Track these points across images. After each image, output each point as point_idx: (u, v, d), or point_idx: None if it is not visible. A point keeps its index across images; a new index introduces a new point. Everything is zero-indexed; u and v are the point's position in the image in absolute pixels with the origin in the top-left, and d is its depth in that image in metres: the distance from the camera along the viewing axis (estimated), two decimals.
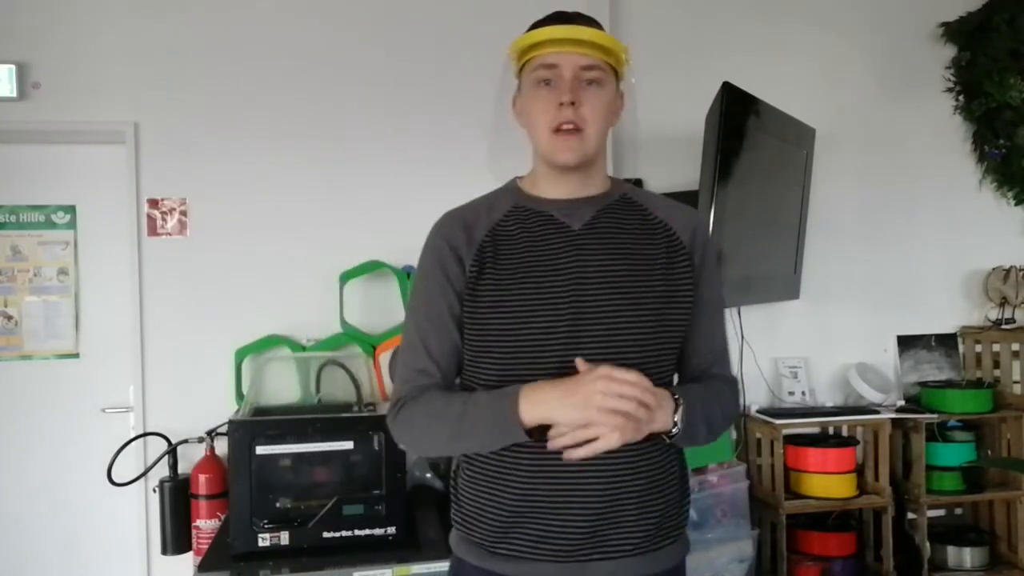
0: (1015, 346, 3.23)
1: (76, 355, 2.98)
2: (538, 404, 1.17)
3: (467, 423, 1.22)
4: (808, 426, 3.04)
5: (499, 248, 1.28)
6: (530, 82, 1.27)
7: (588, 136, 1.25)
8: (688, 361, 1.35)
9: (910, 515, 3.05)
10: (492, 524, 1.26)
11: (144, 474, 2.75)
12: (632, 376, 1.15)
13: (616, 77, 1.30)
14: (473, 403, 1.23)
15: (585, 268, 1.25)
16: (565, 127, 1.23)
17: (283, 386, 2.71)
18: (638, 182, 3.12)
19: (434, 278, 1.30)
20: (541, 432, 1.19)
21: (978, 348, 3.35)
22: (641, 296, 1.25)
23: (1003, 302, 3.33)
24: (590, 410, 1.13)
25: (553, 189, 1.32)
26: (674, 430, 1.21)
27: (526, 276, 1.25)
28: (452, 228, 1.31)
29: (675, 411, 1.21)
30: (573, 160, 1.26)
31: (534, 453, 1.23)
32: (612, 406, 1.13)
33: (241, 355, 2.83)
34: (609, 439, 1.14)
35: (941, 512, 3.29)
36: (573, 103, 1.22)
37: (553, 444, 1.17)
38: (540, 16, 1.31)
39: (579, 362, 1.18)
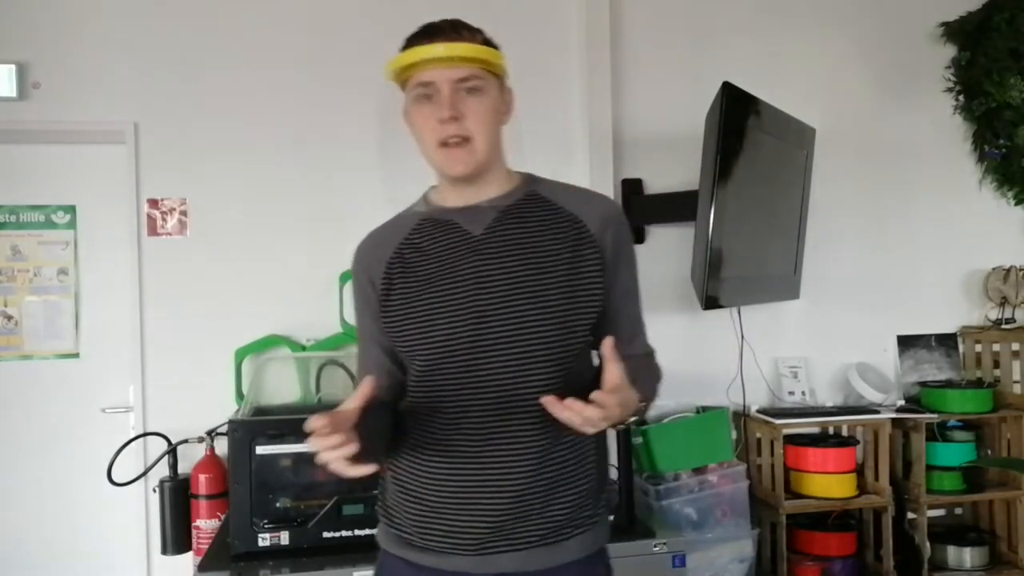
0: (1015, 346, 3.23)
1: (76, 355, 2.98)
2: None
3: None
4: (808, 426, 3.03)
5: (407, 262, 1.33)
6: (412, 98, 1.29)
7: (477, 146, 1.27)
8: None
9: (910, 515, 3.05)
10: (410, 518, 1.32)
11: (144, 474, 2.75)
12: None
13: (499, 77, 1.33)
14: None
15: (486, 273, 1.27)
16: (452, 141, 1.26)
17: (283, 386, 2.71)
18: (638, 182, 3.12)
19: (357, 304, 1.41)
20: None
21: (978, 348, 3.35)
22: (545, 295, 1.26)
23: (1003, 302, 3.33)
24: None
25: (455, 197, 1.35)
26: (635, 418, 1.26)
27: (430, 286, 1.29)
28: (364, 252, 1.40)
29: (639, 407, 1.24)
30: (465, 171, 1.28)
31: (444, 452, 1.28)
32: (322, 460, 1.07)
33: (241, 355, 2.83)
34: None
35: (941, 512, 3.29)
36: (455, 117, 1.24)
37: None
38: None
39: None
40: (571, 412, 1.08)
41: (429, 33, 1.27)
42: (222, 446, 2.56)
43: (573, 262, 1.29)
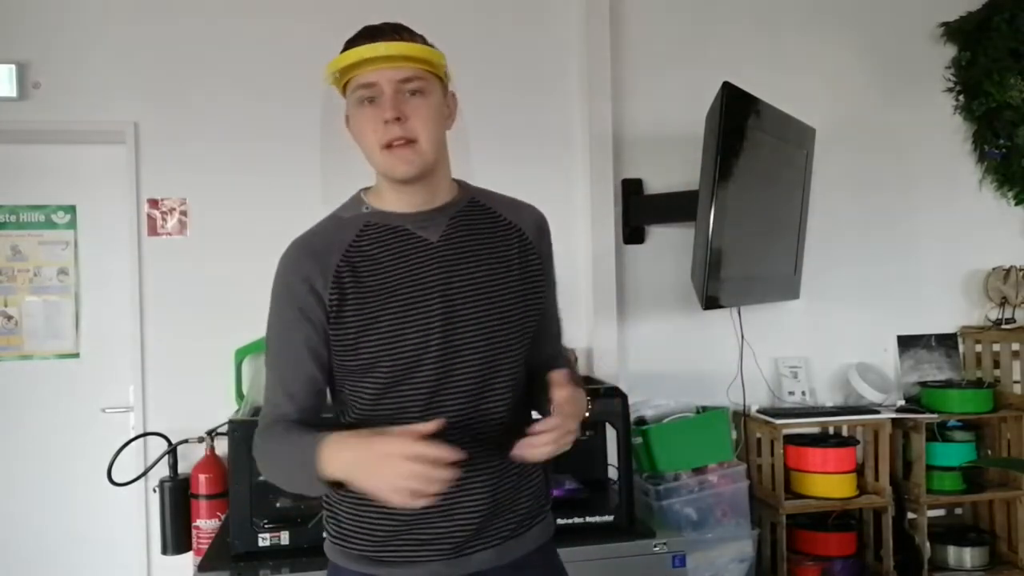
0: (1015, 346, 3.23)
1: (76, 355, 2.98)
2: (337, 464, 1.13)
3: (286, 468, 1.24)
4: (808, 426, 3.03)
5: (358, 270, 1.26)
6: (354, 101, 1.26)
7: (421, 147, 1.23)
8: (540, 344, 1.39)
9: (910, 515, 3.05)
10: (375, 536, 1.28)
11: (144, 474, 2.75)
12: (438, 454, 1.07)
13: (442, 81, 1.30)
14: (291, 445, 1.21)
15: (449, 280, 1.26)
16: (396, 143, 1.22)
17: None
18: (638, 182, 3.12)
19: (286, 314, 1.28)
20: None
21: (978, 348, 3.35)
22: (503, 300, 1.30)
23: (1003, 302, 3.32)
24: (383, 489, 1.07)
25: (402, 202, 1.30)
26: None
27: (392, 295, 1.24)
28: (300, 260, 1.30)
29: (587, 406, 1.28)
30: (411, 172, 1.24)
31: None
32: (407, 487, 1.06)
33: (241, 355, 2.83)
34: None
35: (941, 512, 3.29)
36: (399, 118, 1.21)
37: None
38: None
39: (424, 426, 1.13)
40: (538, 448, 1.17)
41: (370, 35, 1.24)
42: (222, 446, 2.55)
43: (522, 268, 1.33)
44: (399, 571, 1.28)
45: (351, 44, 1.25)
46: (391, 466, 1.07)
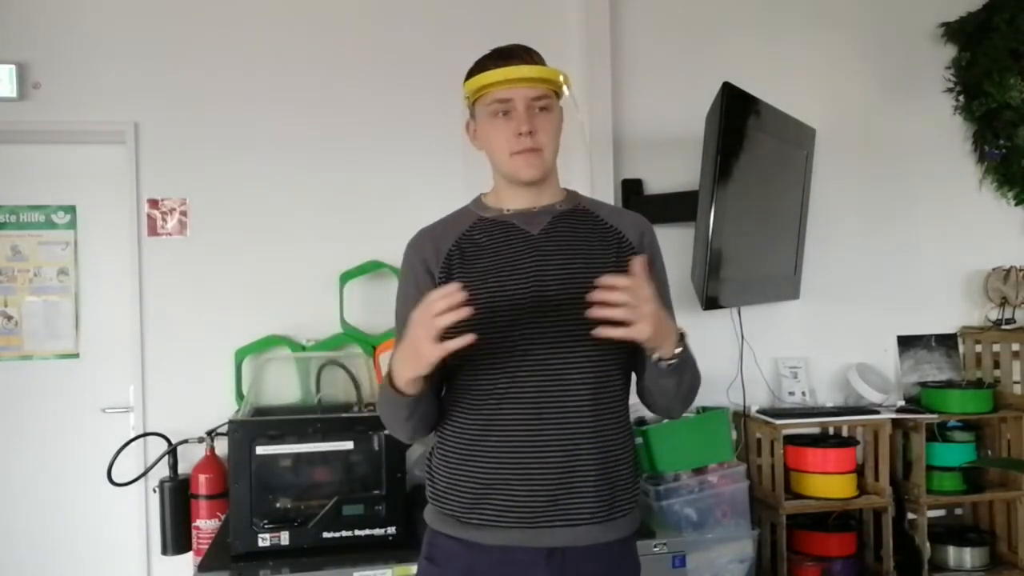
0: (1015, 346, 3.23)
1: (76, 355, 2.98)
2: (393, 364, 1.33)
3: (390, 409, 1.39)
4: (808, 426, 3.04)
5: (466, 255, 1.44)
6: (487, 113, 1.43)
7: (545, 155, 1.43)
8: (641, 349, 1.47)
9: (910, 515, 3.05)
10: (464, 497, 1.40)
11: (144, 474, 2.75)
12: (443, 291, 1.23)
13: (558, 96, 1.48)
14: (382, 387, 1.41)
15: (544, 268, 1.41)
16: (525, 151, 1.40)
17: (283, 386, 2.71)
18: (638, 182, 3.12)
19: (408, 291, 1.47)
20: (416, 386, 1.31)
21: (978, 348, 3.35)
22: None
23: (1003, 302, 3.33)
24: (411, 346, 1.25)
25: (513, 201, 1.48)
26: (674, 361, 1.34)
27: (491, 277, 1.41)
28: (422, 244, 1.49)
29: (679, 343, 1.35)
30: (536, 176, 1.43)
31: (500, 430, 1.38)
32: (424, 332, 1.22)
33: (241, 355, 2.83)
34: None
35: (941, 512, 3.29)
36: (531, 132, 1.39)
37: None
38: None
39: None
40: (605, 303, 1.23)
41: (504, 56, 1.42)
42: (222, 446, 2.55)
43: (618, 266, 1.42)
44: (483, 535, 1.38)
45: (483, 63, 1.43)
46: (411, 329, 1.25)
